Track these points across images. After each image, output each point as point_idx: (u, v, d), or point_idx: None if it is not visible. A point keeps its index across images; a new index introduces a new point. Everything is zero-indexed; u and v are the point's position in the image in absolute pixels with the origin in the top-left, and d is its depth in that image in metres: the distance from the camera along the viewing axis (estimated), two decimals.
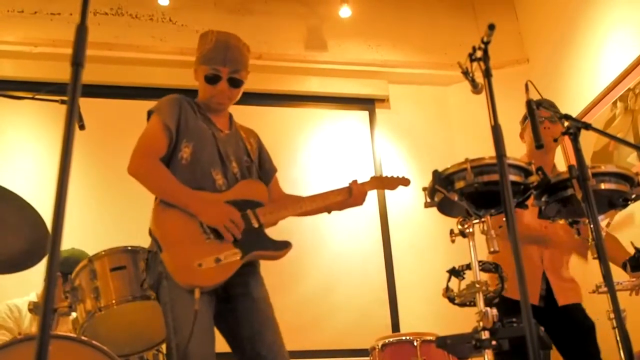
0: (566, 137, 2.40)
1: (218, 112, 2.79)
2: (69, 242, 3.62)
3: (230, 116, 2.88)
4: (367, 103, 5.64)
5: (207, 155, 2.62)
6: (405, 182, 3.09)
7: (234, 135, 2.80)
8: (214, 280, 2.42)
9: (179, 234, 2.44)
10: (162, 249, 2.40)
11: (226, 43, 2.72)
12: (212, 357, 2.37)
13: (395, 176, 3.09)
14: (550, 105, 3.27)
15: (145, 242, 3.09)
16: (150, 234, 2.54)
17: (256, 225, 2.59)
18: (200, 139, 2.63)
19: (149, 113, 2.65)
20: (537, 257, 3.33)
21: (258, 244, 2.56)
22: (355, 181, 2.89)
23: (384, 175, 3.10)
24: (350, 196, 2.84)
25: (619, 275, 2.98)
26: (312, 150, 5.38)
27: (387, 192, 5.24)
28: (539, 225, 3.34)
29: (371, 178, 2.98)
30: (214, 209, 2.50)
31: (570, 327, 3.25)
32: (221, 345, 2.54)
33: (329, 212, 2.89)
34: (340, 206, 2.88)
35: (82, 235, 4.24)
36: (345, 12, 5.56)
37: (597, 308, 3.26)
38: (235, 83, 2.73)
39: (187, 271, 2.36)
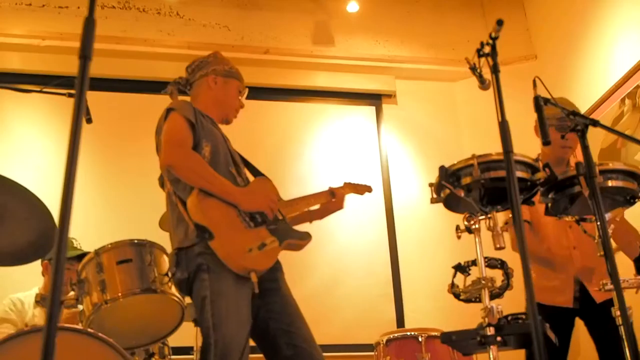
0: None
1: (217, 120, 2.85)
2: (75, 235, 3.64)
3: None
4: (374, 98, 5.63)
5: (224, 155, 2.66)
6: (369, 189, 3.24)
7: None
8: (266, 265, 2.48)
9: (223, 221, 2.45)
10: (214, 236, 2.38)
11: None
12: (248, 350, 2.37)
13: (362, 184, 3.21)
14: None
15: (150, 235, 3.10)
16: (188, 224, 2.46)
17: (281, 217, 2.66)
18: (215, 140, 2.66)
19: (168, 111, 2.64)
20: (568, 268, 3.32)
21: (288, 233, 2.64)
22: (332, 187, 3.01)
23: (353, 182, 3.19)
24: (334, 197, 2.94)
25: (625, 272, 2.97)
26: (318, 145, 5.38)
27: (394, 187, 5.31)
28: (566, 244, 3.35)
29: (344, 183, 3.09)
30: (253, 195, 2.56)
31: (605, 321, 3.25)
32: None
33: (311, 221, 2.93)
34: (323, 213, 2.96)
35: (88, 227, 4.26)
36: (352, 7, 5.55)
37: None
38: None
39: (241, 256, 2.40)
